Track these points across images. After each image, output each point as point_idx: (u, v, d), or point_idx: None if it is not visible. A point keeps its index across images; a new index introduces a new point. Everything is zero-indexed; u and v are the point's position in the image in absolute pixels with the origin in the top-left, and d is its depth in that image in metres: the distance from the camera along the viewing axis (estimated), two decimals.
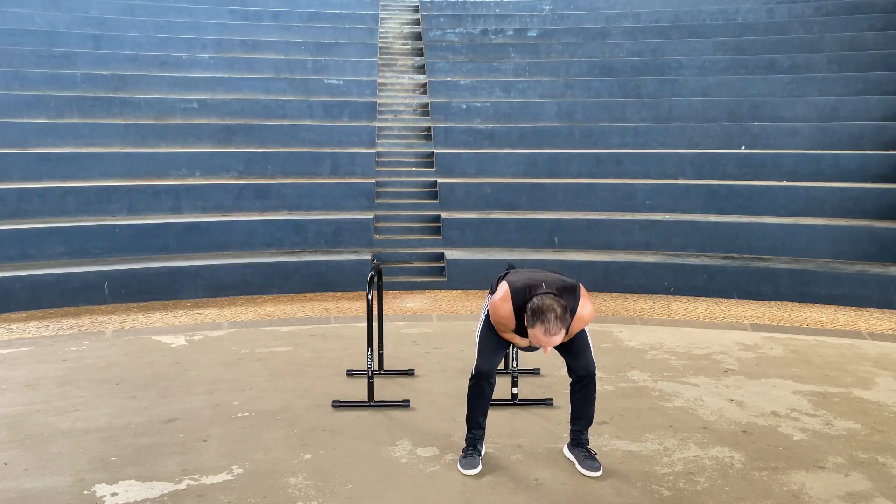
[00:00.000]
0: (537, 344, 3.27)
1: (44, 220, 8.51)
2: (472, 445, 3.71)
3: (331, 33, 14.27)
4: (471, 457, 3.67)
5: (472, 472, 3.60)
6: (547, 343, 3.22)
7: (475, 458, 3.66)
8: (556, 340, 3.23)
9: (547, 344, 3.23)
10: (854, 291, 7.52)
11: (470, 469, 3.62)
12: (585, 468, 3.62)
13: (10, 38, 12.23)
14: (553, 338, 3.21)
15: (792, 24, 13.84)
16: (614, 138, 10.98)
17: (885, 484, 3.54)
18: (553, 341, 3.22)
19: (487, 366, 3.62)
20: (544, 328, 3.18)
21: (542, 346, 3.25)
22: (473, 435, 3.72)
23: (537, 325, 3.20)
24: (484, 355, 3.64)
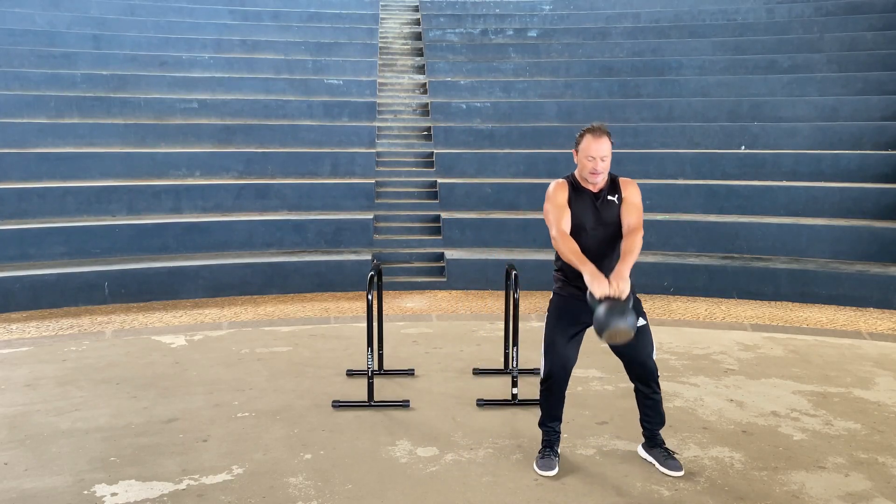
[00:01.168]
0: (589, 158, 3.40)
1: (44, 220, 8.51)
2: (548, 447, 3.70)
3: (331, 33, 14.27)
4: (548, 458, 3.66)
5: (549, 474, 3.59)
6: (598, 149, 3.39)
7: (552, 460, 3.65)
8: (605, 146, 3.40)
9: (598, 150, 3.39)
10: (854, 291, 7.52)
11: (547, 470, 3.60)
12: (668, 468, 3.61)
13: (10, 38, 12.23)
14: (601, 141, 3.40)
15: (792, 24, 13.84)
16: (614, 138, 10.92)
17: (885, 484, 3.54)
18: (603, 146, 3.39)
19: (558, 363, 3.58)
20: (591, 134, 3.42)
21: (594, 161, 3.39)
22: (550, 437, 3.71)
23: (584, 137, 3.45)
24: (553, 354, 3.60)
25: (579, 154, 3.47)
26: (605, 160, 3.42)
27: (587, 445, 3.96)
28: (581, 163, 3.47)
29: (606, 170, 3.47)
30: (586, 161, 3.43)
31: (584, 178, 3.50)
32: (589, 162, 3.42)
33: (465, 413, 4.45)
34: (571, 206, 3.50)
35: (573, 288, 3.55)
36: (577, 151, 3.49)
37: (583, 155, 3.44)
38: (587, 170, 3.44)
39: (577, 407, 4.54)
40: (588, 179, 3.47)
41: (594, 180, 3.46)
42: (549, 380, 3.62)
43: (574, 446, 3.95)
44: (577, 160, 3.51)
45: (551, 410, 3.68)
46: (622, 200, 3.51)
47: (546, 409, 3.69)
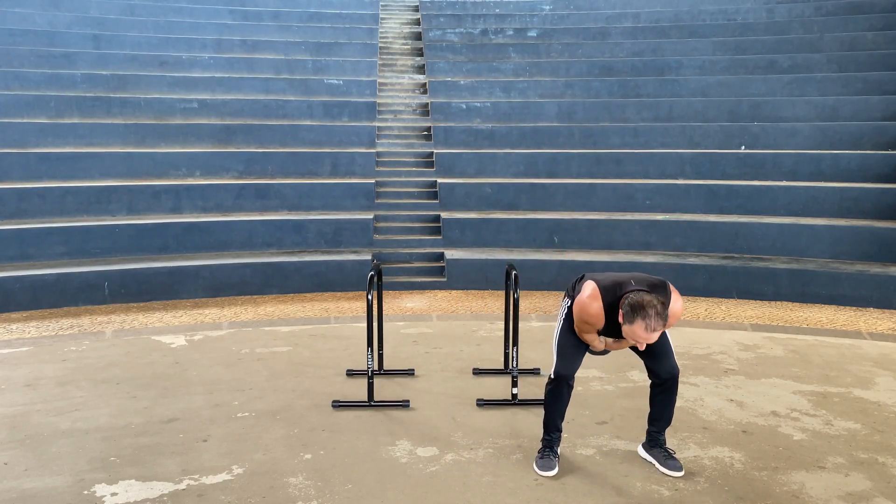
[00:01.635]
0: (635, 339, 3.22)
1: (44, 220, 8.51)
2: (548, 447, 3.71)
3: (331, 33, 14.28)
4: (547, 458, 3.66)
5: (549, 474, 3.59)
6: (647, 339, 3.19)
7: (552, 460, 3.66)
8: (655, 337, 3.19)
9: (647, 340, 3.20)
10: (854, 291, 7.52)
11: (547, 471, 3.61)
12: (668, 468, 3.61)
13: (10, 38, 12.23)
14: (654, 334, 3.17)
15: (792, 24, 13.84)
16: (614, 138, 10.98)
17: (885, 484, 3.54)
18: (653, 337, 3.18)
19: (568, 369, 3.59)
20: (645, 324, 3.13)
21: (639, 343, 3.25)
22: (551, 437, 3.71)
23: (637, 321, 3.14)
24: (564, 359, 3.60)
25: (624, 327, 3.24)
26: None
27: (587, 445, 3.96)
28: (624, 331, 3.27)
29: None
30: (630, 338, 3.27)
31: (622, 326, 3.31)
32: (632, 340, 3.29)
33: (465, 413, 4.45)
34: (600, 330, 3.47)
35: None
36: (623, 320, 3.23)
37: (629, 334, 3.24)
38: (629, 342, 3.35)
39: (577, 407, 4.54)
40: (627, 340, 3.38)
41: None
42: (557, 381, 3.62)
43: (574, 446, 3.95)
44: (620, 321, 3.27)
45: (558, 409, 3.68)
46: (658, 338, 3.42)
47: (552, 408, 3.69)
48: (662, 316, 3.15)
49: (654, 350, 3.54)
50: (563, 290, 3.87)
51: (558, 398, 3.65)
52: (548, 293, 8.09)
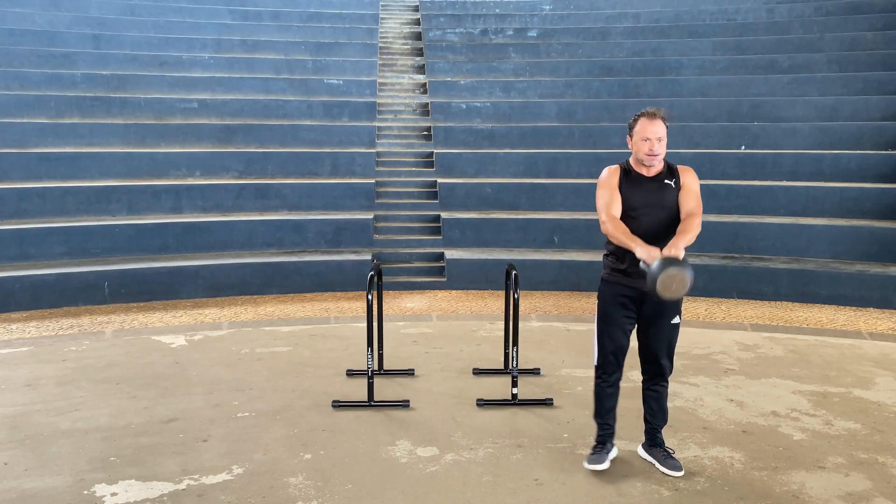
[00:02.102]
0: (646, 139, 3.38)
1: (44, 220, 8.51)
2: (601, 443, 3.71)
3: (331, 33, 14.28)
4: (598, 453, 3.67)
5: (599, 467, 3.60)
6: (654, 131, 3.37)
7: (603, 455, 3.65)
8: (660, 127, 3.39)
9: (654, 132, 3.37)
10: (854, 291, 7.52)
11: (597, 465, 3.61)
12: (668, 468, 3.61)
13: (10, 38, 12.23)
14: (656, 122, 3.39)
15: (792, 24, 13.84)
16: (614, 138, 10.97)
17: (885, 484, 3.54)
18: (659, 128, 3.39)
19: (612, 356, 3.59)
20: (645, 117, 3.42)
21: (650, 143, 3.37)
22: (603, 432, 3.72)
23: (638, 121, 3.43)
24: (604, 348, 3.60)
25: (634, 137, 3.45)
26: (662, 141, 3.41)
27: (587, 445, 3.95)
28: (637, 146, 3.44)
29: (663, 152, 3.45)
30: (642, 143, 3.41)
31: (639, 162, 3.49)
32: (645, 143, 3.40)
33: (465, 413, 4.45)
34: (623, 190, 3.48)
35: (621, 274, 3.52)
36: (632, 136, 3.47)
37: (638, 137, 3.42)
38: (643, 151, 3.42)
39: (577, 407, 4.54)
40: (645, 162, 3.45)
41: (651, 162, 3.44)
42: (601, 369, 3.63)
43: (574, 446, 3.95)
44: (631, 146, 3.49)
45: (606, 403, 3.68)
46: (680, 186, 3.51)
47: (600, 402, 3.69)
48: (659, 111, 3.43)
49: (655, 345, 3.56)
50: (564, 290, 3.88)
51: (607, 385, 3.65)
52: (548, 293, 8.10)
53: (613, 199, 3.47)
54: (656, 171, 3.50)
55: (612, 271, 3.59)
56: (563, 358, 5.61)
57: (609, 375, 3.63)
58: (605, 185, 3.51)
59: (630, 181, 3.49)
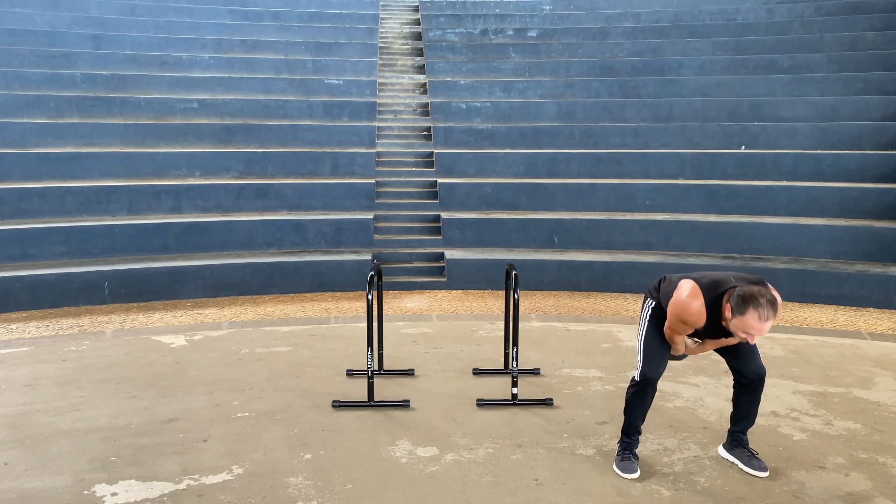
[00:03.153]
0: (746, 332, 3.13)
1: (44, 220, 8.51)
2: (628, 449, 3.69)
3: (331, 33, 14.28)
4: (628, 460, 3.65)
5: (632, 476, 3.58)
6: (759, 330, 3.11)
7: (633, 462, 3.64)
8: (768, 327, 3.11)
9: (758, 332, 3.12)
10: (854, 291, 7.52)
11: (630, 473, 3.59)
12: (753, 468, 3.60)
13: (10, 38, 12.23)
14: (766, 323, 3.08)
15: (792, 24, 13.85)
16: (614, 138, 10.98)
17: (885, 484, 3.54)
18: (765, 328, 3.10)
19: (655, 372, 3.57)
20: (758, 314, 3.06)
21: (750, 336, 3.14)
22: (631, 440, 3.70)
23: (749, 310, 3.06)
24: (650, 361, 3.57)
25: (734, 321, 3.15)
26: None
27: (587, 445, 3.96)
28: (734, 327, 3.17)
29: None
30: (741, 332, 3.17)
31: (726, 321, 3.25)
32: (743, 334, 3.17)
33: (465, 413, 4.45)
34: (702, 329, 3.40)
35: None
36: (733, 314, 3.15)
37: (741, 327, 3.14)
38: (738, 336, 3.21)
39: (577, 407, 4.54)
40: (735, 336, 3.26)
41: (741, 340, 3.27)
42: (643, 383, 3.60)
43: (574, 446, 3.95)
44: (728, 314, 3.19)
45: (640, 412, 3.66)
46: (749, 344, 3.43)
47: (634, 413, 3.66)
48: (773, 304, 3.08)
49: (741, 350, 3.55)
50: (565, 290, 3.86)
51: (642, 400, 3.63)
52: (548, 293, 8.10)
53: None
54: None
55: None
56: (563, 358, 5.61)
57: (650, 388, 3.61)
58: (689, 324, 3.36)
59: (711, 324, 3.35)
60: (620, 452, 3.70)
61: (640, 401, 3.63)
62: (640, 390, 3.61)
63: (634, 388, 3.63)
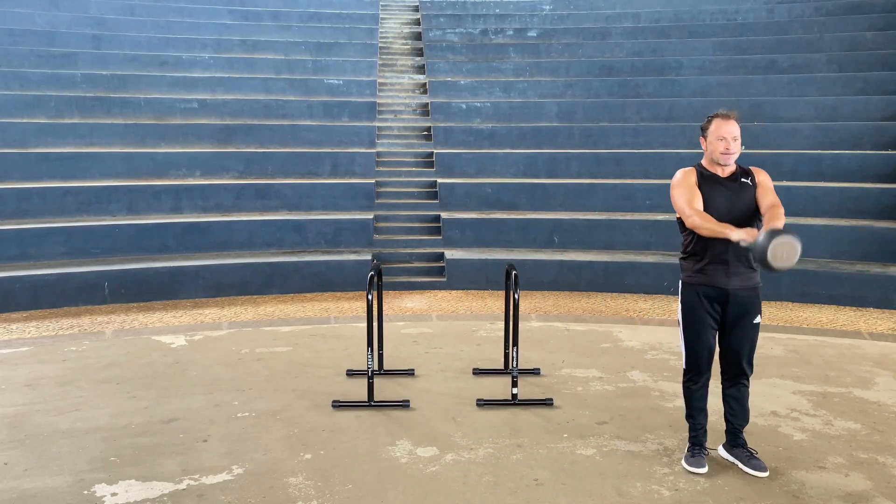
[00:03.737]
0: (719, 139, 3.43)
1: (44, 220, 8.51)
2: (696, 444, 3.69)
3: (331, 33, 14.28)
4: (698, 456, 3.65)
5: (701, 471, 3.58)
6: (729, 131, 3.42)
7: (702, 458, 3.64)
8: (735, 127, 3.44)
9: (729, 132, 3.42)
10: (854, 291, 7.52)
11: (699, 468, 3.59)
12: (753, 468, 3.61)
13: (10, 38, 12.23)
14: (731, 123, 3.43)
15: (792, 24, 13.85)
16: (614, 138, 10.98)
17: (885, 484, 3.54)
18: (734, 128, 3.43)
19: (701, 357, 3.58)
20: (719, 118, 3.46)
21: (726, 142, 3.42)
22: (697, 433, 3.69)
23: (712, 122, 3.48)
24: (690, 349, 3.60)
25: (709, 137, 3.49)
26: (737, 140, 3.45)
27: (587, 445, 3.96)
28: (712, 146, 3.47)
29: (738, 151, 3.47)
30: (717, 143, 3.45)
31: (713, 163, 3.52)
32: (720, 142, 3.44)
33: (465, 413, 4.45)
34: (701, 190, 3.50)
35: (703, 275, 3.53)
36: (706, 137, 3.51)
37: (713, 137, 3.46)
38: (719, 150, 3.45)
39: (577, 407, 4.54)
40: (720, 161, 3.48)
41: (727, 161, 3.47)
42: (690, 371, 3.62)
43: (574, 446, 3.95)
44: (705, 146, 3.52)
45: (697, 404, 3.66)
46: (756, 184, 3.52)
47: (691, 403, 3.67)
48: (732, 112, 3.46)
49: (737, 344, 3.56)
50: (564, 290, 3.87)
51: (690, 392, 3.65)
52: (548, 293, 8.10)
53: (694, 195, 3.50)
54: (730, 171, 3.53)
55: (693, 273, 3.58)
56: (563, 358, 5.61)
57: (700, 376, 3.62)
58: (683, 185, 3.53)
59: (707, 182, 3.51)
60: (689, 448, 3.71)
61: (688, 393, 3.66)
62: (689, 380, 3.65)
63: (684, 380, 3.68)
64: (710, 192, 3.49)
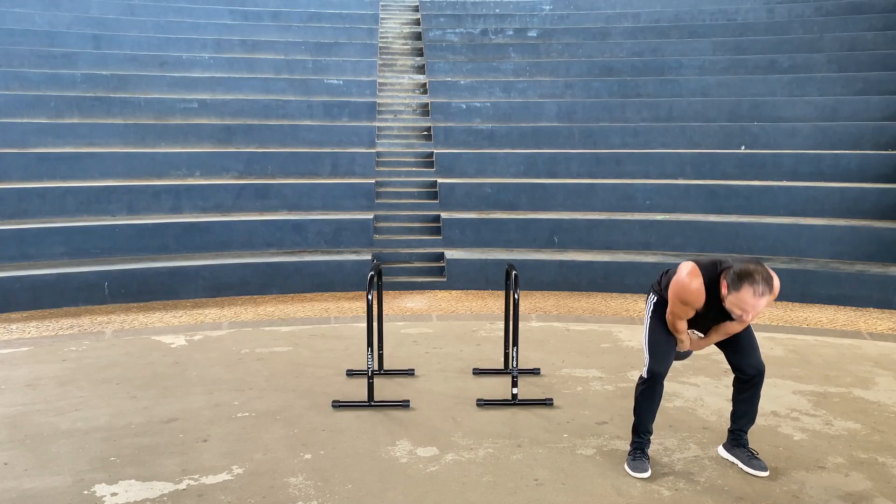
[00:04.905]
0: (741, 308, 3.11)
1: (44, 220, 8.51)
2: (639, 449, 3.68)
3: (331, 33, 14.28)
4: (640, 460, 3.64)
5: (644, 475, 3.57)
6: (754, 307, 3.08)
7: (645, 462, 3.63)
8: (763, 304, 3.09)
9: (754, 308, 3.09)
10: (854, 291, 7.52)
11: (642, 472, 3.58)
12: (753, 468, 3.60)
13: (10, 38, 12.23)
14: (762, 299, 3.06)
15: (792, 24, 13.85)
16: (614, 138, 10.98)
17: (885, 484, 3.54)
18: (760, 305, 3.08)
19: (661, 367, 3.57)
20: (753, 289, 3.05)
21: (745, 313, 3.12)
22: (642, 439, 3.69)
23: (744, 286, 3.05)
24: (657, 356, 3.56)
25: (730, 297, 3.15)
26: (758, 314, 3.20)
27: (587, 445, 3.96)
28: (731, 304, 3.17)
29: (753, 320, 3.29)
30: (735, 308, 3.16)
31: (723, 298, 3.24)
32: (738, 310, 3.16)
33: (465, 413, 4.45)
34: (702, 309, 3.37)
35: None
36: (729, 290, 3.16)
37: (735, 303, 3.14)
38: (734, 313, 3.21)
39: (577, 407, 4.54)
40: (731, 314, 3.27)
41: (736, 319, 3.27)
42: (651, 379, 3.60)
43: (574, 446, 3.95)
44: (724, 293, 3.20)
45: (650, 410, 3.65)
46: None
47: (644, 411, 3.65)
48: (769, 281, 3.07)
49: (742, 345, 3.54)
50: (564, 290, 3.87)
51: (651, 398, 3.62)
52: (548, 293, 8.10)
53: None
54: None
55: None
56: (563, 358, 5.61)
57: (660, 385, 3.61)
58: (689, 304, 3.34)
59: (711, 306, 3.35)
60: (632, 452, 3.69)
61: (648, 398, 3.63)
62: (649, 387, 3.61)
63: (643, 386, 3.63)
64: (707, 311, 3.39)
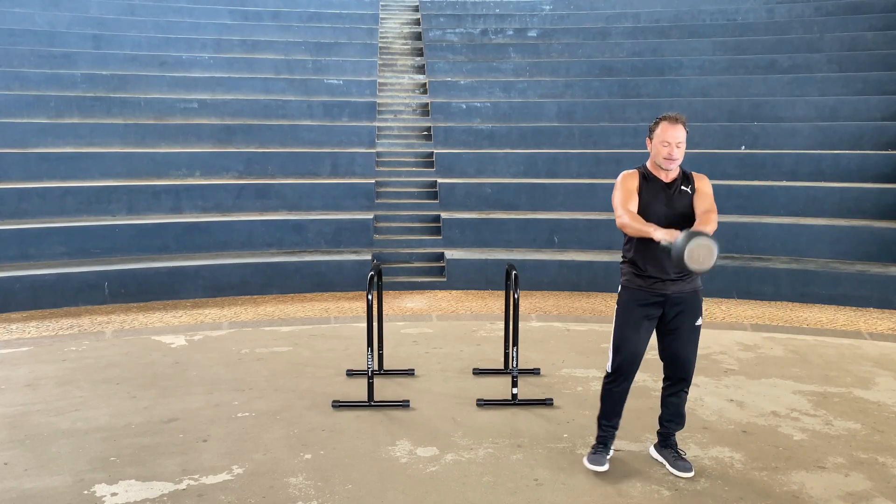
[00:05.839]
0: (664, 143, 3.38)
1: (44, 220, 8.51)
2: (602, 443, 3.70)
3: (331, 33, 14.28)
4: (599, 454, 3.66)
5: (600, 469, 3.60)
6: (674, 136, 3.37)
7: (603, 456, 3.66)
8: (681, 133, 3.38)
9: (674, 137, 3.37)
10: (854, 291, 7.52)
11: (599, 466, 3.61)
12: (678, 469, 3.61)
13: (10, 38, 12.23)
14: (677, 127, 3.38)
15: (792, 24, 13.85)
16: (614, 138, 10.98)
17: (885, 484, 3.54)
18: (680, 134, 3.38)
19: (625, 362, 3.57)
20: (667, 121, 3.40)
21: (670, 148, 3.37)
22: (606, 433, 3.70)
23: (659, 124, 3.42)
24: (621, 352, 3.58)
25: (654, 140, 3.45)
26: (681, 146, 3.41)
27: (587, 445, 3.95)
28: (656, 149, 3.44)
29: (681, 157, 3.44)
30: (661, 147, 3.41)
31: (657, 167, 3.49)
32: (664, 147, 3.40)
33: (465, 413, 4.45)
34: (641, 194, 3.48)
35: (641, 280, 3.54)
36: (652, 139, 3.47)
37: (658, 141, 3.42)
38: (662, 155, 3.42)
39: (577, 407, 4.54)
40: (663, 166, 3.45)
41: (669, 166, 3.44)
42: (615, 374, 3.60)
43: (574, 446, 3.96)
44: (650, 148, 3.49)
45: (614, 407, 3.66)
46: (695, 191, 3.50)
47: (608, 405, 3.67)
48: (681, 116, 3.41)
49: (679, 349, 3.56)
50: (564, 290, 3.88)
51: (615, 393, 3.63)
52: (548, 293, 8.09)
53: (630, 197, 3.49)
54: (673, 175, 3.50)
55: (632, 277, 3.59)
56: (563, 358, 5.61)
57: (623, 381, 3.61)
58: (623, 187, 3.51)
59: (647, 186, 3.49)
60: (594, 446, 3.73)
61: (612, 393, 3.64)
62: (613, 382, 3.62)
63: (607, 380, 3.64)
64: (650, 197, 3.48)
